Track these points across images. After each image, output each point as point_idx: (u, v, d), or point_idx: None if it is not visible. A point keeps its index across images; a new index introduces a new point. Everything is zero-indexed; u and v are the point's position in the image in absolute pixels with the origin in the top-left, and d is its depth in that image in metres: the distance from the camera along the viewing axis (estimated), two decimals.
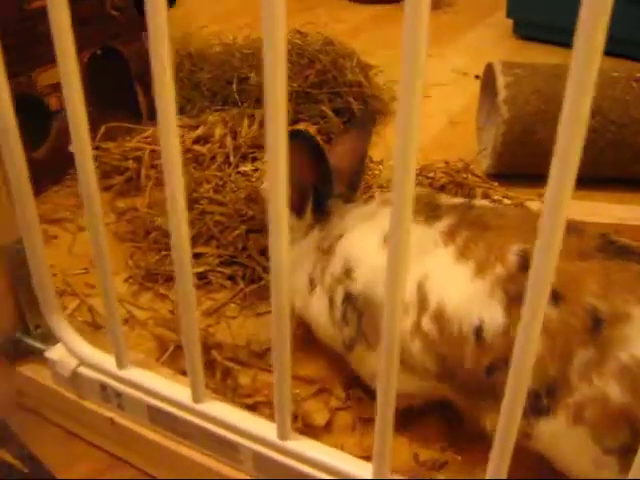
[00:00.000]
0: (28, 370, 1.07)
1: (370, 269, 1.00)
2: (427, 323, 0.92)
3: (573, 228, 0.88)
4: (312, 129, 1.75)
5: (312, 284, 1.10)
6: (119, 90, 1.91)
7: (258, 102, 1.84)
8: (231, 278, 1.39)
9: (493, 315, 0.87)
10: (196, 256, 1.41)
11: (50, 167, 1.69)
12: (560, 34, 2.66)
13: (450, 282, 0.92)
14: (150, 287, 1.38)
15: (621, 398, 0.80)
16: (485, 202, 1.08)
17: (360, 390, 1.13)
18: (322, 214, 1.10)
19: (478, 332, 0.88)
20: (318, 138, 1.05)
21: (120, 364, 0.94)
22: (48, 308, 0.97)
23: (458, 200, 1.06)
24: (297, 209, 1.11)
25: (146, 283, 1.38)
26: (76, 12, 1.72)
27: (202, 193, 1.57)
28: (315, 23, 2.29)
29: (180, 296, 0.81)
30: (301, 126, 1.74)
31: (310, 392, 1.15)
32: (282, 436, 0.84)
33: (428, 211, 1.00)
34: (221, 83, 1.93)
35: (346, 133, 1.22)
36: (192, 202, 1.55)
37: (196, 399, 0.89)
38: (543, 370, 0.83)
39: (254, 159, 1.70)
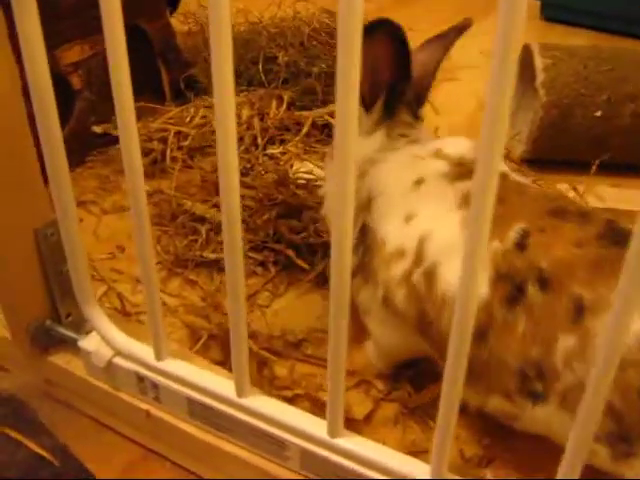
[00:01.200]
0: (59, 359, 1.03)
1: (388, 205, 0.98)
2: (418, 276, 0.92)
3: (579, 213, 0.89)
4: None
5: None
6: (141, 69, 1.85)
7: (286, 83, 1.78)
8: (262, 264, 1.34)
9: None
10: None
11: (72, 148, 1.62)
12: (588, 16, 2.61)
13: (448, 247, 0.90)
14: (179, 273, 1.33)
15: None
16: (522, 178, 1.03)
17: (403, 382, 1.09)
18: (391, 115, 1.06)
19: None
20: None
21: (158, 355, 0.90)
22: (83, 296, 0.93)
23: (500, 168, 1.03)
24: (366, 102, 1.06)
25: (175, 269, 1.34)
26: None
27: None
28: None
29: (229, 287, 0.76)
30: (331, 107, 1.68)
31: (350, 383, 1.10)
32: (333, 433, 0.80)
33: (463, 171, 0.97)
34: (246, 63, 1.87)
35: (431, 41, 1.16)
36: (216, 184, 1.50)
37: (240, 393, 0.84)
38: (526, 351, 0.82)
39: (282, 141, 1.65)
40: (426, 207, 0.95)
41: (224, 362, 1.12)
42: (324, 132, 1.69)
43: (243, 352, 0.81)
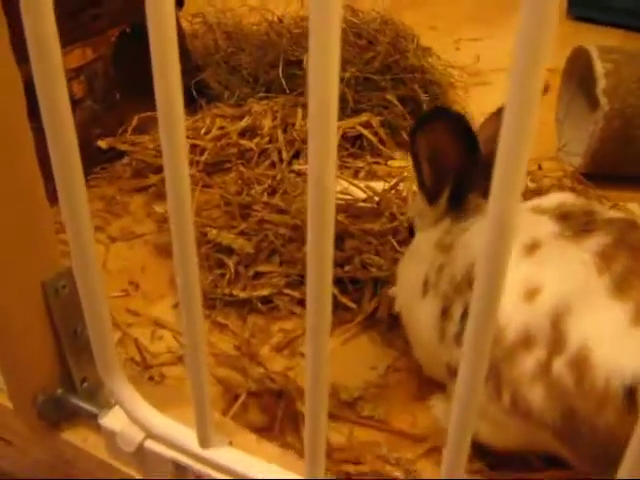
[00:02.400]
0: (74, 437, 0.84)
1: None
2: (560, 367, 0.74)
3: None
4: (375, 120, 1.51)
5: (426, 286, 0.92)
6: (146, 75, 1.66)
7: None
8: (301, 302, 1.15)
9: None
10: (257, 276, 1.18)
11: None
12: (618, 14, 2.45)
13: (602, 323, 0.72)
14: (206, 315, 1.14)
15: None
16: None
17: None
18: (458, 206, 0.93)
19: (630, 393, 0.70)
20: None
21: (205, 442, 0.72)
22: (106, 365, 0.74)
23: (617, 214, 0.86)
24: (430, 193, 0.95)
25: None
26: None
27: (255, 196, 1.33)
28: None
29: (311, 347, 0.57)
30: (364, 117, 1.50)
31: (419, 451, 0.92)
32: None
33: (579, 223, 0.81)
34: (264, 67, 1.68)
35: (494, 116, 1.03)
36: (244, 207, 1.32)
37: None
38: None
39: None
40: (552, 276, 0.77)
41: (267, 428, 0.94)
42: (356, 144, 1.51)
43: (320, 438, 0.63)
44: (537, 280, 0.77)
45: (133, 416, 0.75)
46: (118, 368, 0.75)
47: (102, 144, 1.45)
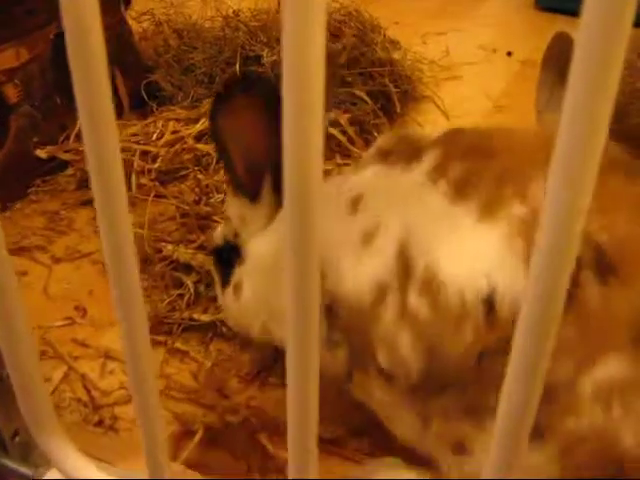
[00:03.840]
0: None
1: (341, 257, 0.71)
2: (414, 298, 0.65)
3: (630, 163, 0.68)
4: (343, 118, 1.39)
5: None
6: None
7: None
8: None
9: (511, 278, 0.60)
10: None
11: (10, 178, 1.29)
12: None
13: (443, 232, 0.65)
14: (161, 342, 1.00)
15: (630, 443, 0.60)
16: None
17: None
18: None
19: (489, 302, 0.61)
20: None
21: None
22: (35, 420, 0.60)
23: (440, 131, 0.76)
24: (248, 191, 0.79)
25: (156, 336, 1.00)
26: None
27: (214, 206, 1.20)
28: None
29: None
30: (331, 115, 1.37)
31: None
32: None
33: (405, 155, 0.72)
34: (220, 65, 1.54)
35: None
36: (202, 218, 1.18)
37: None
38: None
39: None
40: (385, 213, 0.69)
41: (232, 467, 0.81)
42: (328, 146, 1.37)
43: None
44: (370, 227, 0.69)
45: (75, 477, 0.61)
46: (52, 423, 0.60)
47: (42, 154, 1.30)
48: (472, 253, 0.63)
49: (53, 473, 0.65)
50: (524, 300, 0.34)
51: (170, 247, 1.08)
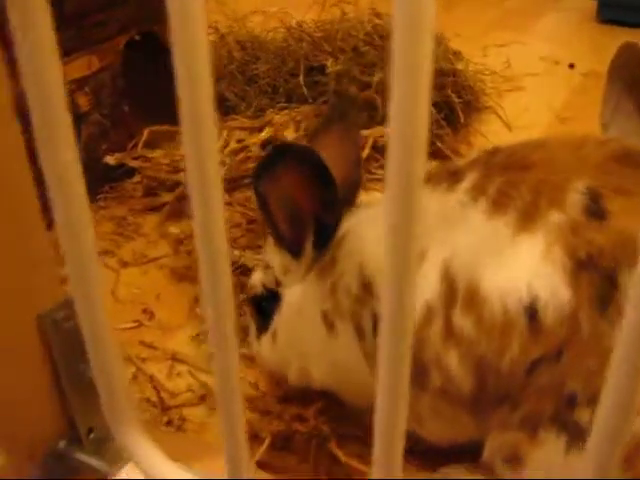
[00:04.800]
0: None
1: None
2: (458, 317, 0.67)
3: None
4: None
5: (327, 320, 0.79)
6: (157, 85, 1.54)
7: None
8: None
9: (552, 287, 0.62)
10: None
11: None
12: None
13: (483, 248, 0.66)
14: None
15: None
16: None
17: None
18: (325, 250, 0.80)
19: (531, 313, 0.62)
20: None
21: None
22: (115, 413, 0.60)
23: (476, 153, 0.78)
24: (292, 247, 0.82)
25: None
26: None
27: None
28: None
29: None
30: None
31: None
32: None
33: (445, 178, 0.75)
34: (283, 75, 1.56)
35: (324, 134, 0.87)
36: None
37: None
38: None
39: None
40: (430, 235, 0.71)
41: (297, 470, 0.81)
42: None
43: None
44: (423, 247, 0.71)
45: (152, 475, 0.62)
46: (132, 417, 0.61)
47: (111, 160, 1.32)
48: (511, 264, 0.64)
49: (129, 470, 0.66)
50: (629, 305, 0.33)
51: (237, 252, 1.09)
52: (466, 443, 0.77)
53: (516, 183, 0.67)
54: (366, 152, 1.34)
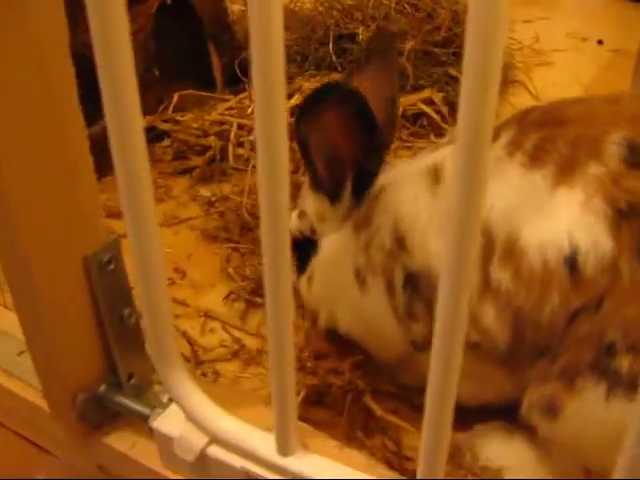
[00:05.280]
0: (119, 442, 0.72)
1: (429, 232, 0.73)
2: (496, 270, 0.67)
3: None
4: (437, 97, 1.38)
5: (359, 276, 0.79)
6: (187, 51, 1.54)
7: None
8: None
9: (593, 237, 0.62)
10: None
11: (109, 147, 1.32)
12: None
13: (521, 200, 0.66)
14: (260, 304, 1.01)
15: None
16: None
17: None
18: (364, 197, 0.80)
19: (572, 263, 0.62)
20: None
21: (285, 449, 0.58)
22: (162, 355, 0.61)
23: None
24: (331, 192, 0.81)
25: (255, 298, 1.01)
26: None
27: None
28: None
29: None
30: (425, 93, 1.37)
31: None
32: None
33: None
34: (312, 44, 1.55)
35: (363, 71, 0.85)
36: (297, 187, 1.19)
37: None
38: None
39: None
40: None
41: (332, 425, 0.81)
42: (417, 123, 1.37)
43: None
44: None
45: (194, 417, 0.62)
46: (177, 359, 0.62)
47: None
48: (551, 216, 0.64)
49: (171, 412, 0.66)
50: None
51: None
52: (497, 404, 0.77)
53: (553, 138, 0.67)
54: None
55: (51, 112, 0.59)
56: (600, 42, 1.99)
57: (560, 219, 0.63)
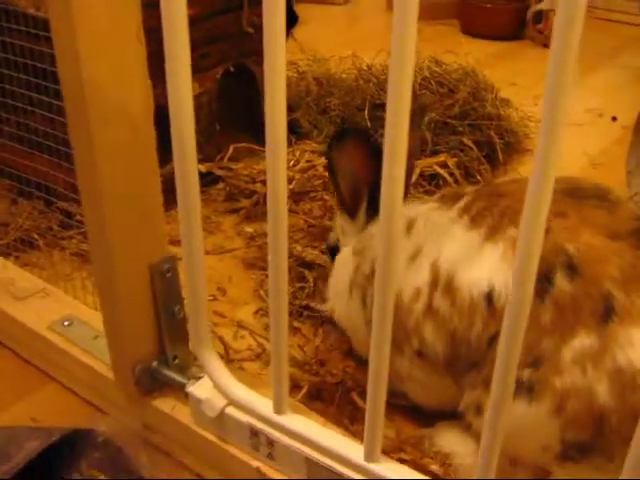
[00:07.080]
0: (163, 404, 0.97)
1: None
2: (438, 299, 0.91)
3: (607, 200, 0.89)
4: (451, 161, 1.62)
5: (350, 287, 1.07)
6: (244, 110, 1.82)
7: None
8: None
9: (505, 279, 0.84)
10: None
11: (174, 186, 1.60)
12: None
13: (460, 251, 0.89)
14: None
15: (605, 399, 0.78)
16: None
17: None
18: (376, 216, 1.03)
19: (489, 298, 0.85)
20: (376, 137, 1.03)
21: (279, 409, 0.83)
22: (199, 339, 0.86)
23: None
24: (349, 209, 1.09)
25: None
26: (212, 28, 1.65)
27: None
28: (453, 52, 2.16)
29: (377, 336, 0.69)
30: (441, 157, 1.62)
31: None
32: None
33: (451, 198, 0.98)
34: (351, 110, 1.82)
35: None
36: (325, 230, 1.44)
37: (371, 458, 0.76)
38: (537, 338, 0.81)
39: None
40: (428, 238, 0.95)
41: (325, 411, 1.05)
42: (432, 183, 1.61)
43: (378, 416, 0.73)
44: (415, 248, 0.95)
45: (218, 385, 0.87)
46: (209, 342, 0.87)
47: (202, 168, 1.59)
48: (478, 263, 0.88)
49: (202, 382, 0.91)
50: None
51: (299, 247, 1.35)
52: (450, 407, 0.98)
53: (491, 207, 0.91)
54: (414, 178, 1.58)
55: (135, 156, 0.85)
56: (614, 118, 2.20)
57: (484, 266, 0.87)
